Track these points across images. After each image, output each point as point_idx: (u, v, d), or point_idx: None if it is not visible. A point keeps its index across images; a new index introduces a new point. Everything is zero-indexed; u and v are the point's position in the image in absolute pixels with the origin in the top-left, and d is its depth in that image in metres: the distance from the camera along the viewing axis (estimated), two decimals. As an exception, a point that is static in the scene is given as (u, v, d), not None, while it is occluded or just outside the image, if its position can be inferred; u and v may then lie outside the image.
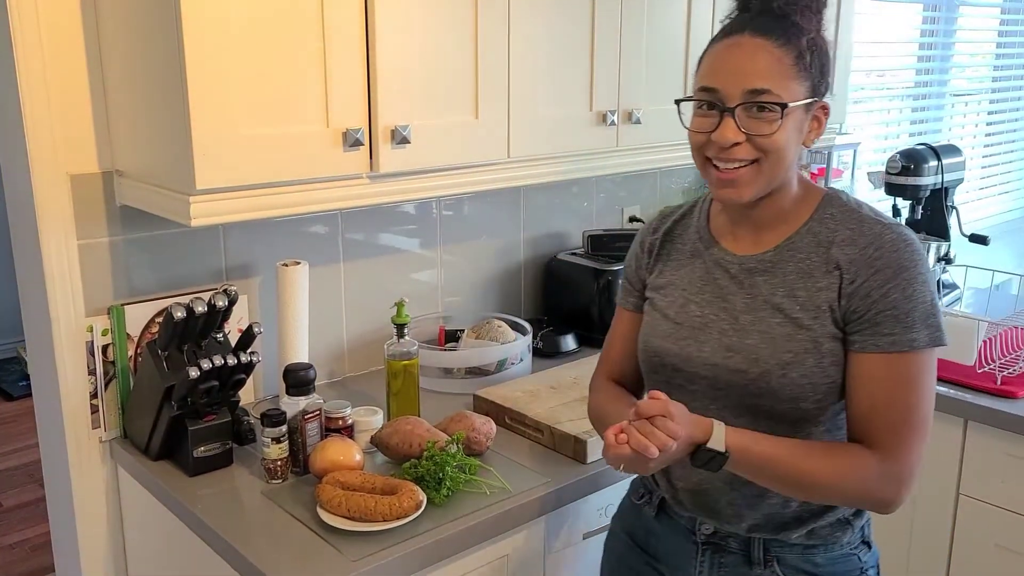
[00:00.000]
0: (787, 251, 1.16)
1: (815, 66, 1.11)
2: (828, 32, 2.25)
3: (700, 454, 1.08)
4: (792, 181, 1.17)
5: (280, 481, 1.45)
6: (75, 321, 1.56)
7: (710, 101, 1.12)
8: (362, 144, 1.46)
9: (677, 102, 1.19)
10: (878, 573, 1.25)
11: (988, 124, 4.06)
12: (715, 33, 1.17)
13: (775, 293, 1.15)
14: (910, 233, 1.12)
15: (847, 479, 1.09)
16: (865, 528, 1.23)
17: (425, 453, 1.42)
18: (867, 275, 1.10)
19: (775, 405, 1.14)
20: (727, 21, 1.16)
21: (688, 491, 1.23)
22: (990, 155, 4.09)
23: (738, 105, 1.09)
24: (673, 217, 1.32)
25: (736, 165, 1.11)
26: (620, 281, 1.37)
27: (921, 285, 1.09)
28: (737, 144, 1.10)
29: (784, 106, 1.08)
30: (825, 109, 1.15)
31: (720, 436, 1.08)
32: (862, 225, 1.13)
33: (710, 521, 1.22)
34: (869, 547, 1.23)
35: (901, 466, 1.09)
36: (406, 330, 1.65)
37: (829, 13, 1.20)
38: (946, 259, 2.40)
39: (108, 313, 1.59)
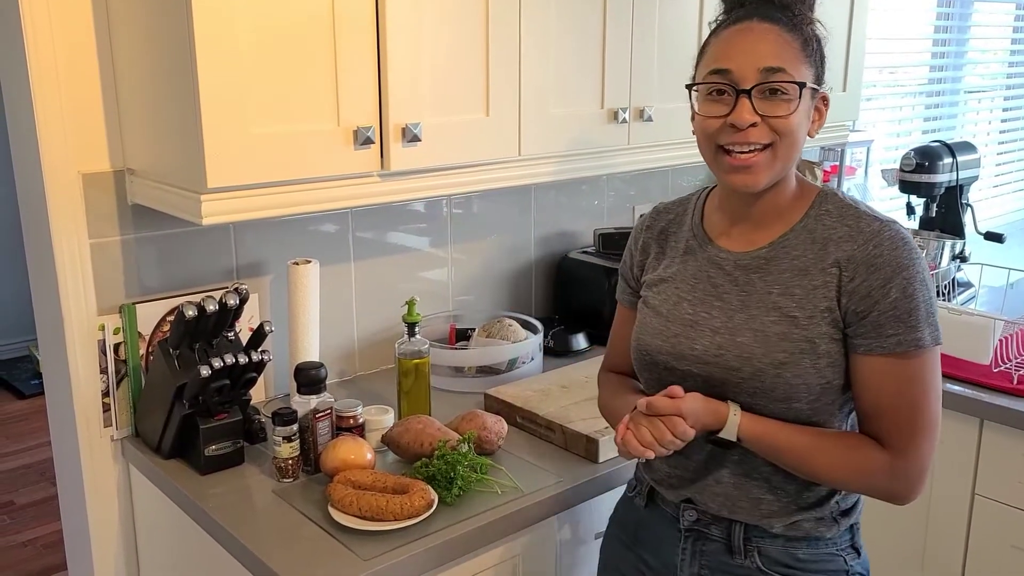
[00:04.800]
0: (782, 248, 1.15)
1: (817, 55, 1.13)
2: (841, 28, 2.24)
3: (713, 439, 1.11)
4: (791, 176, 1.17)
5: (291, 480, 1.45)
6: (87, 320, 1.56)
7: (721, 86, 1.10)
8: (373, 142, 1.45)
9: (688, 86, 1.17)
10: None
11: (1003, 121, 4.03)
12: (715, 25, 1.18)
13: (771, 291, 1.15)
14: (906, 231, 1.12)
15: (859, 476, 1.11)
16: (855, 531, 1.21)
17: (436, 452, 1.41)
18: (867, 273, 1.09)
19: (768, 405, 1.13)
20: (725, 13, 1.17)
21: (673, 474, 1.24)
22: (1005, 152, 4.06)
23: (754, 86, 1.08)
24: (668, 215, 1.31)
25: (750, 149, 1.10)
26: (619, 277, 1.37)
27: (920, 284, 1.09)
28: (753, 126, 1.09)
29: (802, 85, 1.09)
30: (825, 100, 1.16)
31: (733, 427, 1.11)
32: (859, 222, 1.12)
33: (693, 503, 1.22)
34: (858, 553, 1.21)
35: (912, 463, 1.10)
36: (417, 329, 1.64)
37: (842, 9, 1.21)
38: (961, 257, 2.38)
39: (120, 312, 1.59)
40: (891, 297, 1.08)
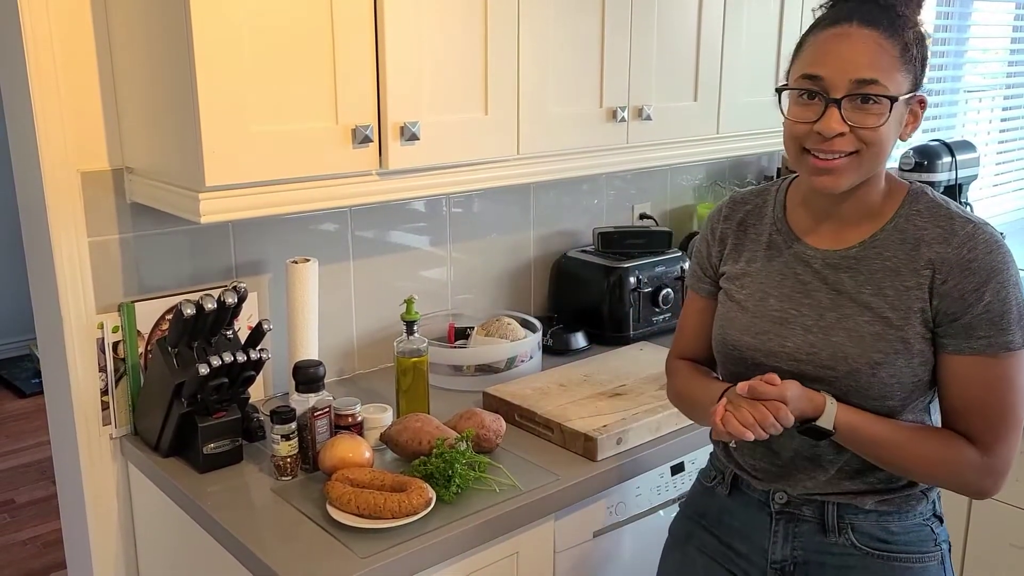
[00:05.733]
0: (872, 248, 1.15)
1: (918, 59, 1.10)
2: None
3: (807, 428, 1.11)
4: (880, 174, 1.16)
5: (290, 478, 1.45)
6: (86, 318, 1.56)
7: (812, 90, 1.09)
8: (371, 141, 1.45)
9: (779, 90, 1.15)
10: (950, 548, 1.25)
11: (1002, 120, 4.02)
12: (815, 20, 1.14)
13: (862, 291, 1.14)
14: (998, 233, 1.12)
15: (949, 470, 1.12)
16: (936, 502, 1.23)
17: (435, 450, 1.42)
18: (960, 276, 1.09)
19: (862, 403, 1.14)
20: (827, 8, 1.13)
21: (763, 467, 1.24)
22: (1004, 151, 4.06)
23: (844, 96, 1.06)
24: (746, 206, 1.29)
25: (835, 156, 1.08)
26: (690, 264, 1.37)
27: (1014, 287, 1.09)
28: (840, 135, 1.07)
29: (893, 99, 1.06)
30: (922, 103, 1.13)
31: (831, 416, 1.11)
32: (952, 223, 1.12)
33: (784, 491, 1.23)
34: (941, 521, 1.24)
35: (1000, 461, 1.11)
36: (416, 327, 1.64)
37: None
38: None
39: (118, 310, 1.59)
40: (984, 301, 1.08)
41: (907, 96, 1.09)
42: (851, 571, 1.19)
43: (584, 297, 2.15)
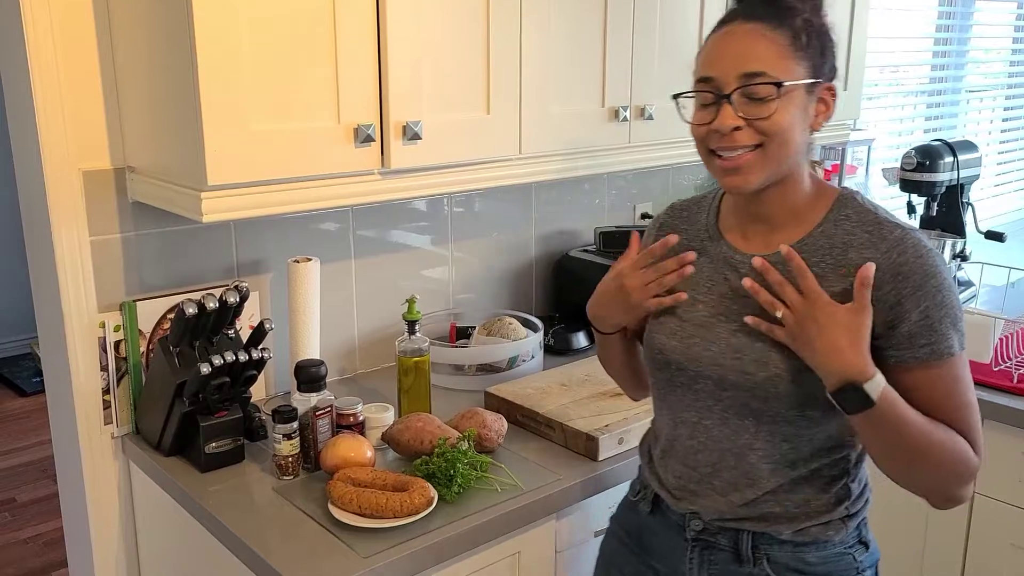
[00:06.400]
0: (800, 253, 1.12)
1: (813, 46, 1.09)
2: (842, 27, 2.23)
3: (848, 392, 1.03)
4: (802, 175, 1.15)
5: (291, 477, 1.45)
6: (87, 317, 1.56)
7: (707, 91, 1.10)
8: (373, 140, 1.45)
9: (674, 97, 1.17)
10: (876, 573, 1.22)
11: (1004, 120, 4.02)
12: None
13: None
14: (926, 238, 1.11)
15: (957, 462, 1.07)
16: (862, 527, 1.20)
17: (436, 450, 1.42)
18: (895, 282, 1.07)
19: (781, 410, 1.11)
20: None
21: (679, 484, 1.22)
22: (1006, 151, 4.06)
23: (734, 90, 1.07)
24: (684, 212, 1.30)
25: (739, 152, 1.08)
26: None
27: (947, 291, 1.07)
28: (738, 129, 1.07)
29: (779, 84, 1.06)
30: (832, 91, 1.12)
31: (878, 386, 1.03)
32: (881, 228, 1.10)
33: (699, 510, 1.19)
34: (866, 547, 1.20)
35: (980, 460, 1.10)
36: (417, 327, 1.64)
37: (843, 8, 1.18)
38: (962, 256, 2.38)
39: (120, 309, 1.59)
40: (922, 306, 1.06)
41: (807, 83, 1.09)
42: None
43: (586, 296, 2.13)
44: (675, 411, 1.22)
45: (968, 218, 2.48)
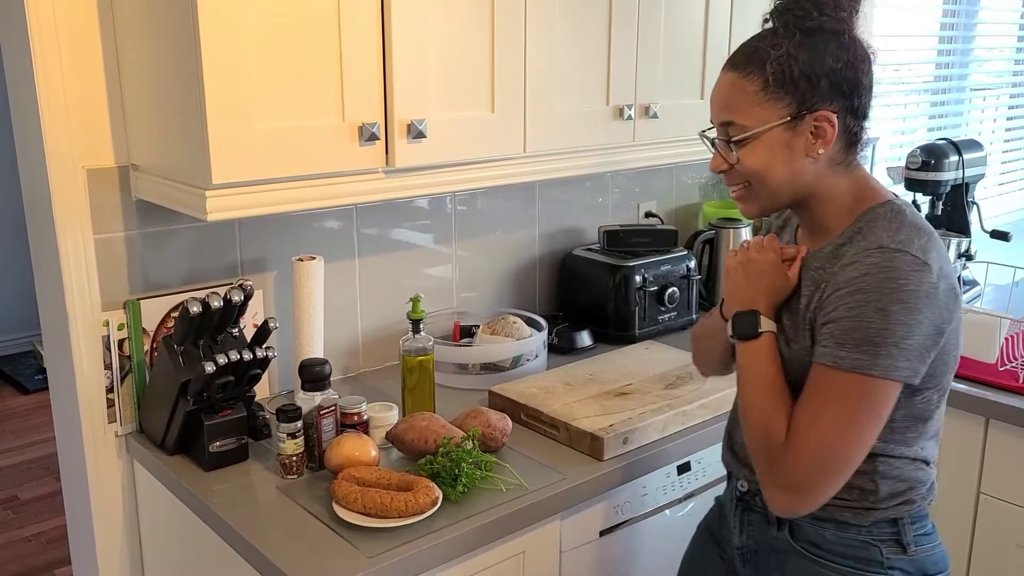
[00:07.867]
0: (814, 262, 1.19)
1: (790, 83, 1.11)
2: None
3: (747, 316, 1.19)
4: (832, 192, 1.17)
5: (295, 476, 1.45)
6: (91, 315, 1.56)
7: (707, 136, 1.22)
8: (378, 138, 1.45)
9: (700, 134, 1.27)
10: None
11: (1008, 119, 4.01)
12: None
13: (791, 300, 1.21)
14: (911, 267, 1.06)
15: (767, 436, 1.13)
16: (901, 525, 1.18)
17: (441, 449, 1.41)
18: (832, 290, 1.11)
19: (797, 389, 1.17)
20: None
21: (727, 458, 1.34)
22: (1011, 150, 4.05)
23: (716, 138, 1.18)
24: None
25: (735, 188, 1.20)
26: None
27: (876, 312, 1.05)
28: (726, 170, 1.18)
29: (742, 139, 1.13)
30: (827, 118, 1.12)
31: (770, 327, 1.18)
32: (868, 243, 1.11)
33: (746, 478, 1.28)
34: (904, 550, 1.18)
35: (782, 465, 1.11)
36: (421, 326, 1.64)
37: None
38: (967, 255, 2.37)
39: (124, 308, 1.59)
40: (836, 311, 1.09)
41: (781, 124, 1.12)
42: (787, 566, 1.24)
43: (590, 295, 2.15)
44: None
45: (973, 217, 2.47)
